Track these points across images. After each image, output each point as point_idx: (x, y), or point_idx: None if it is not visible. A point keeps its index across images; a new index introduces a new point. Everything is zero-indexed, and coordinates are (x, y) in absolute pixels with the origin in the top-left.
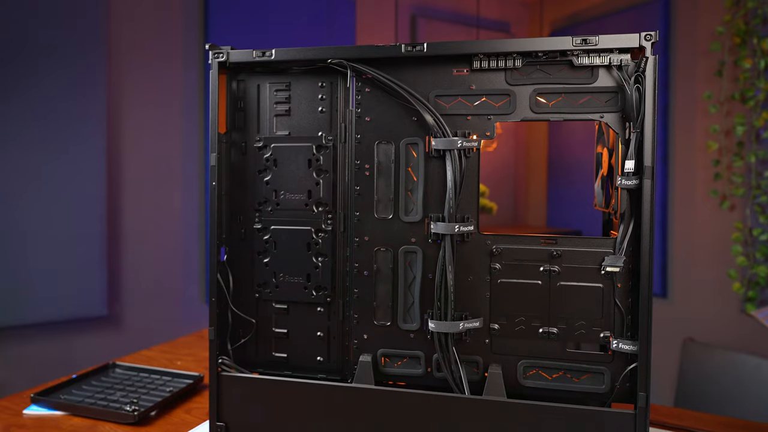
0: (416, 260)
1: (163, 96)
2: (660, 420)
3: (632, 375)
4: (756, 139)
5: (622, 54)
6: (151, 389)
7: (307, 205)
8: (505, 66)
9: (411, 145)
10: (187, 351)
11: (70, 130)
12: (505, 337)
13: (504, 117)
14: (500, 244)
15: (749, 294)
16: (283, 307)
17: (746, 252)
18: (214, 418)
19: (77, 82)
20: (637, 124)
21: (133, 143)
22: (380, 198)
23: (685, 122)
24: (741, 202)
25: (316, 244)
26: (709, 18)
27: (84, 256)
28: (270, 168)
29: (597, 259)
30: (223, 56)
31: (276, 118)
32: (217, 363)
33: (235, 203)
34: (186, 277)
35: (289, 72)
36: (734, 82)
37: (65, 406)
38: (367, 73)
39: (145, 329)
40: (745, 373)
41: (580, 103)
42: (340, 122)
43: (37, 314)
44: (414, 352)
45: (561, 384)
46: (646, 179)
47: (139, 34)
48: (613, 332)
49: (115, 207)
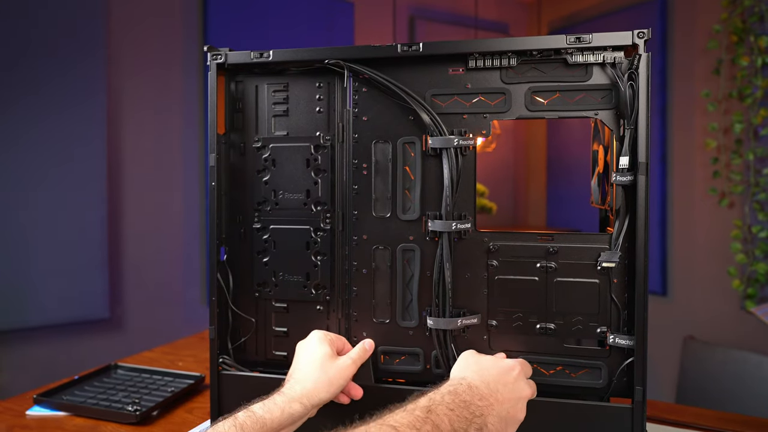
0: (414, 258)
1: (163, 99)
2: (659, 416)
3: (629, 369)
4: (754, 136)
5: (616, 52)
6: (153, 389)
7: (306, 204)
8: (500, 65)
9: (408, 144)
10: (188, 352)
11: (71, 133)
12: (503, 333)
13: (500, 115)
14: (497, 241)
15: (749, 291)
16: (282, 306)
17: (745, 249)
18: (215, 416)
19: (78, 85)
20: (631, 120)
21: (134, 146)
22: (378, 197)
23: (684, 120)
24: (740, 199)
25: (315, 243)
26: (706, 16)
27: (86, 259)
28: (269, 168)
29: (593, 255)
30: (222, 58)
31: (274, 119)
32: (218, 362)
33: (234, 203)
34: (187, 279)
35: (286, 73)
36: (732, 80)
37: (68, 407)
38: (364, 73)
39: (146, 331)
40: (745, 370)
41: (574, 101)
42: (337, 122)
43: (39, 317)
44: (413, 349)
45: (559, 379)
46: (640, 175)
47: (139, 38)
48: (609, 327)
49: (116, 210)
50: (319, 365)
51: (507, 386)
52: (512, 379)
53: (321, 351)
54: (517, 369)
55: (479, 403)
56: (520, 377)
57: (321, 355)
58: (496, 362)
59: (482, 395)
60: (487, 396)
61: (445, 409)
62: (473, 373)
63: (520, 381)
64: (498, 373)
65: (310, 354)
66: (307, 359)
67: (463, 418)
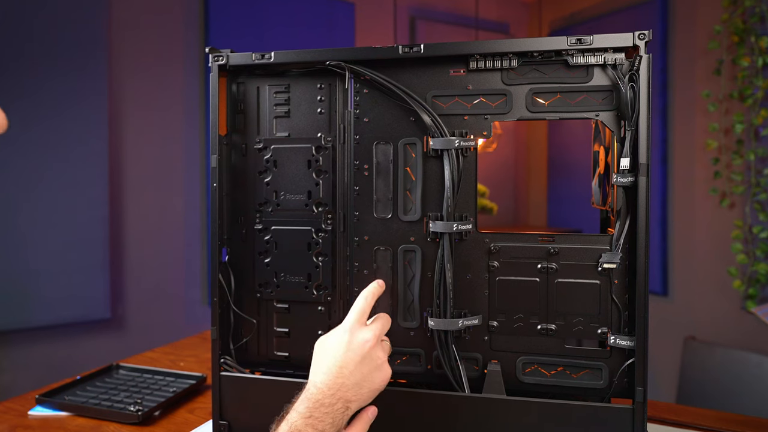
0: (415, 259)
1: (164, 100)
2: (659, 416)
3: (630, 370)
4: (755, 136)
5: (617, 53)
6: (155, 390)
7: (307, 205)
8: (501, 66)
9: (409, 145)
10: (190, 352)
11: (72, 134)
12: (504, 333)
13: (501, 116)
14: (498, 242)
15: (750, 291)
16: (284, 306)
17: (746, 249)
18: (217, 416)
19: (79, 86)
20: (632, 122)
21: (135, 147)
22: (379, 198)
23: (685, 121)
24: (741, 199)
25: (317, 244)
26: (707, 17)
27: (87, 260)
28: (270, 169)
29: (594, 256)
30: (223, 59)
31: (275, 120)
32: (220, 362)
33: (236, 204)
34: (187, 280)
35: (288, 74)
36: (733, 80)
37: (70, 407)
38: (365, 74)
39: (147, 332)
40: (746, 370)
41: (575, 102)
42: (339, 123)
43: (41, 317)
44: (414, 350)
45: (559, 380)
46: (641, 176)
47: (140, 39)
48: (610, 328)
49: (118, 210)
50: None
51: (359, 363)
52: (363, 353)
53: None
54: (370, 342)
55: (329, 393)
56: (374, 348)
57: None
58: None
59: (330, 385)
60: (337, 384)
61: (305, 421)
62: (319, 367)
63: (374, 351)
64: (346, 354)
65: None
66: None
67: (323, 414)
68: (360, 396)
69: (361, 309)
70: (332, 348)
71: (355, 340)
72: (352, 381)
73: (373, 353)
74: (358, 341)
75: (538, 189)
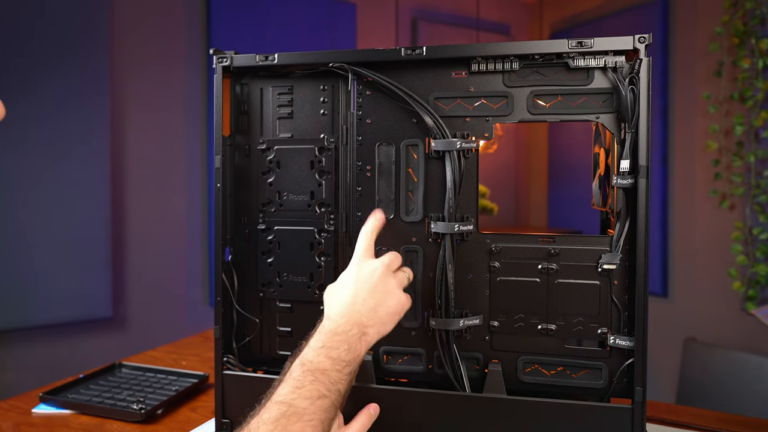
0: (417, 259)
1: (166, 100)
2: (659, 416)
3: (629, 370)
4: (755, 138)
5: (617, 56)
6: (157, 388)
7: (310, 205)
8: (502, 68)
9: (411, 146)
10: (192, 351)
11: (74, 134)
12: (505, 333)
13: (502, 118)
14: (499, 242)
15: (750, 293)
16: (286, 306)
17: (746, 251)
18: (219, 415)
19: (81, 86)
20: (632, 124)
21: (136, 147)
22: (381, 198)
23: (685, 122)
24: (741, 201)
25: (319, 244)
26: (707, 19)
27: (89, 259)
28: (273, 170)
29: (594, 256)
30: (227, 61)
31: (279, 121)
32: (223, 361)
33: (239, 204)
34: (189, 279)
35: (291, 76)
36: (733, 82)
37: (73, 405)
38: (368, 76)
39: (148, 331)
40: (746, 371)
41: (576, 105)
42: (341, 124)
43: (43, 316)
44: (415, 350)
45: (559, 379)
46: (641, 178)
47: (142, 39)
48: (610, 328)
49: (119, 210)
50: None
51: (371, 291)
52: (374, 281)
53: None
54: (379, 269)
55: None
56: (384, 276)
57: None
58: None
59: (344, 313)
60: (351, 311)
61: (316, 351)
62: (332, 303)
63: (385, 278)
64: (356, 284)
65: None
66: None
67: (337, 342)
68: (377, 319)
69: (365, 244)
70: (343, 283)
71: (364, 270)
72: (366, 307)
73: (385, 279)
74: (367, 270)
75: (539, 190)
